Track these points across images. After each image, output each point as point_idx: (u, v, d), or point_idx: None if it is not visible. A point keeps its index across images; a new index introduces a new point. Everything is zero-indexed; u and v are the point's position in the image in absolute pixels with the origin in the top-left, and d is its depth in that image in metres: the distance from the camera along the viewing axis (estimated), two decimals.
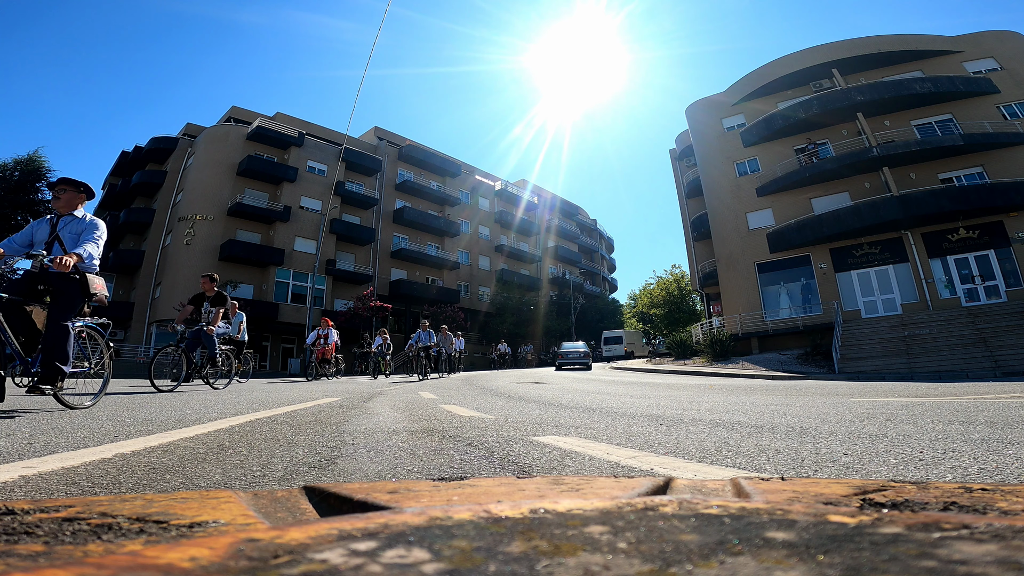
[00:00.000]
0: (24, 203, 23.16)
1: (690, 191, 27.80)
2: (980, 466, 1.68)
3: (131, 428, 2.77)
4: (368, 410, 4.09)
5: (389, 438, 2.47)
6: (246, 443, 2.28)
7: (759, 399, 5.18)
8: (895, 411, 3.61)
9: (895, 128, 20.12)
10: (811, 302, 19.73)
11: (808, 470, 1.71)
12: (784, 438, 2.41)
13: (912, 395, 5.45)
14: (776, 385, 8.91)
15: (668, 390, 7.17)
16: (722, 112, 24.24)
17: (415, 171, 37.83)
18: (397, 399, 5.42)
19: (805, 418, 3.28)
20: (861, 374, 12.86)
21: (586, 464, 1.82)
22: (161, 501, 0.58)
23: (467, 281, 38.79)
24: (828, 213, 19.29)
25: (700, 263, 26.83)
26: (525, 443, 2.29)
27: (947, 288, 17.89)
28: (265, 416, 3.49)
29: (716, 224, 22.98)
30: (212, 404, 4.46)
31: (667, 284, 35.36)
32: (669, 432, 2.68)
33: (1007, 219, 17.27)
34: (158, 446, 2.15)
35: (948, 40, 21.23)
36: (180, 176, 30.64)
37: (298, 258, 29.39)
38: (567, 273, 46.02)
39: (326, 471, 1.71)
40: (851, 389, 7.00)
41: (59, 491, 1.40)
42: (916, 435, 2.41)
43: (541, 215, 46.23)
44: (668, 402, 4.84)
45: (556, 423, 3.12)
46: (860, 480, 0.68)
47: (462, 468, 1.77)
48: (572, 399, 5.30)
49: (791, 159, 21.51)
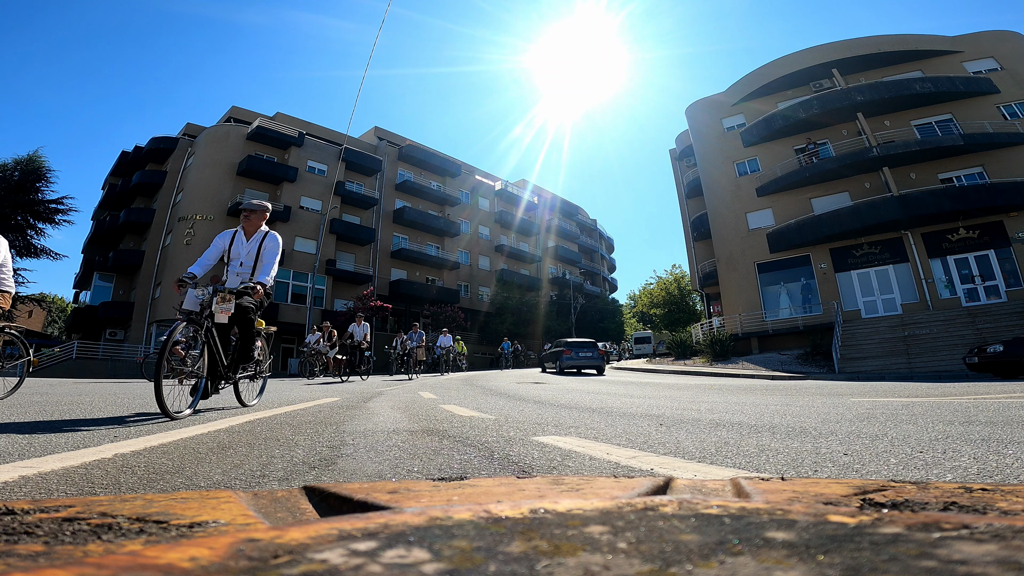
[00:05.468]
0: (24, 203, 23.15)
1: (690, 191, 27.81)
2: (980, 466, 1.68)
3: (131, 428, 2.77)
4: (368, 410, 4.09)
5: (389, 438, 2.47)
6: (246, 443, 2.28)
7: (759, 399, 5.18)
8: (895, 411, 3.61)
9: (895, 128, 20.12)
10: (811, 302, 19.73)
11: (808, 470, 1.71)
12: (784, 438, 2.41)
13: (912, 395, 5.45)
14: (776, 385, 8.90)
15: (668, 390, 7.17)
16: (722, 112, 24.24)
17: (415, 171, 37.83)
18: (397, 399, 5.42)
19: (805, 418, 3.28)
20: (861, 374, 12.87)
21: (586, 464, 1.82)
22: (161, 501, 0.58)
23: (467, 281, 38.79)
24: (828, 213, 19.30)
25: (700, 263, 26.84)
26: (525, 443, 2.29)
27: (947, 288, 17.90)
28: (265, 416, 3.49)
29: (716, 224, 22.98)
30: (212, 404, 4.46)
31: (667, 284, 35.41)
32: (669, 432, 2.68)
33: (1007, 219, 17.27)
34: (158, 446, 2.15)
35: (948, 40, 21.24)
36: (180, 176, 30.64)
37: (298, 258, 29.39)
38: (567, 273, 46.02)
39: (326, 471, 1.71)
40: (851, 389, 7.00)
41: (59, 491, 1.40)
42: (916, 435, 2.41)
43: (541, 215, 46.23)
44: (668, 402, 4.84)
45: (556, 423, 3.12)
46: (860, 480, 0.68)
47: (462, 468, 1.77)
48: (572, 399, 5.30)
49: (791, 159, 21.51)
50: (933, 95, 19.55)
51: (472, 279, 39.19)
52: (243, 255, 4.17)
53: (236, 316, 3.86)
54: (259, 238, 4.20)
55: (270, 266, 4.07)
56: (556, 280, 44.72)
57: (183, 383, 3.66)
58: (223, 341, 3.86)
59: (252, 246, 4.17)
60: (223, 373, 3.86)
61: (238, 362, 4.05)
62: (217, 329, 3.73)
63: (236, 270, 4.15)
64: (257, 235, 4.22)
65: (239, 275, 4.11)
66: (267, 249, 4.15)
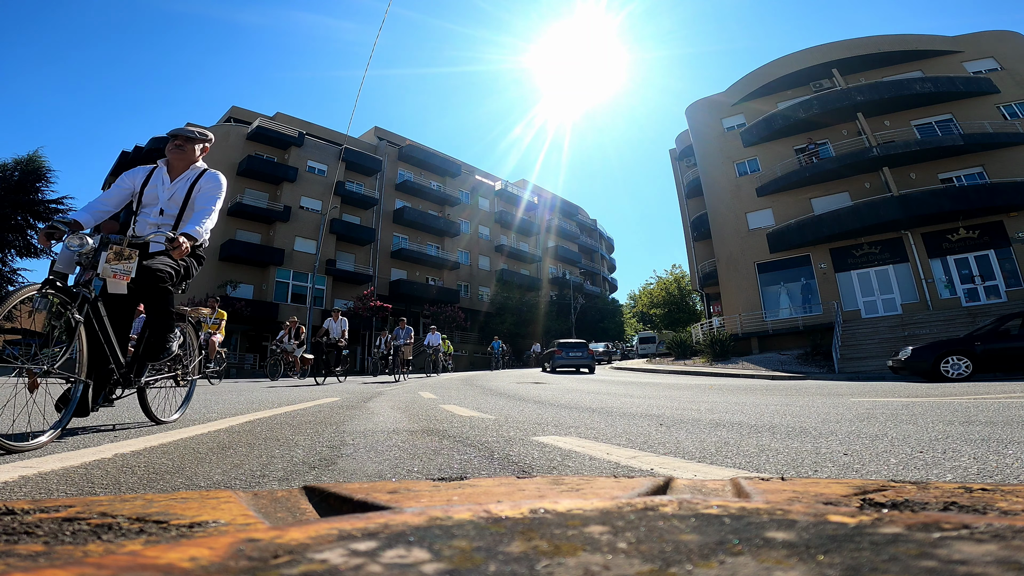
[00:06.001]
0: (24, 203, 23.15)
1: (690, 191, 27.81)
2: (980, 466, 1.68)
3: (130, 428, 2.77)
4: (368, 410, 4.09)
5: (389, 438, 2.47)
6: (246, 443, 2.28)
7: (759, 399, 5.18)
8: (895, 411, 3.61)
9: (895, 128, 20.12)
10: (811, 302, 19.73)
11: (808, 470, 1.71)
12: (784, 438, 2.41)
13: (912, 395, 5.45)
14: (776, 385, 8.91)
15: (668, 390, 7.17)
16: (722, 112, 24.25)
17: (415, 171, 37.84)
18: (397, 399, 5.42)
19: (805, 418, 3.28)
20: (861, 374, 12.86)
21: (586, 464, 1.82)
22: (161, 501, 0.58)
23: (467, 281, 38.79)
24: (828, 213, 19.30)
25: (700, 263, 26.83)
26: (525, 443, 2.29)
27: (947, 288, 17.89)
28: (265, 416, 3.49)
29: (716, 224, 22.98)
30: (212, 404, 4.46)
31: (667, 284, 35.39)
32: (669, 432, 2.68)
33: (1007, 219, 17.27)
34: (158, 446, 2.15)
35: (948, 40, 21.24)
36: None
37: (298, 258, 29.39)
38: (567, 273, 46.02)
39: (326, 471, 1.71)
40: (851, 389, 7.00)
41: (59, 491, 1.40)
42: (916, 435, 2.41)
43: (541, 215, 46.24)
44: (668, 402, 4.84)
45: (556, 423, 3.12)
46: (860, 480, 0.68)
47: (462, 468, 1.77)
48: (572, 399, 5.30)
49: (791, 159, 21.51)
50: (933, 95, 19.55)
51: (472, 279, 39.20)
52: (163, 200, 2.87)
53: (142, 286, 2.59)
54: (191, 177, 2.95)
55: (205, 214, 2.79)
56: (556, 280, 44.73)
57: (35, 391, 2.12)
58: (118, 324, 2.57)
59: (179, 188, 2.90)
60: (120, 374, 2.60)
61: (145, 359, 2.76)
62: (109, 305, 2.48)
63: (150, 221, 2.86)
64: (189, 173, 2.97)
65: (154, 228, 2.82)
66: (202, 191, 2.92)
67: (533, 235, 44.95)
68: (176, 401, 3.32)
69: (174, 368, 3.20)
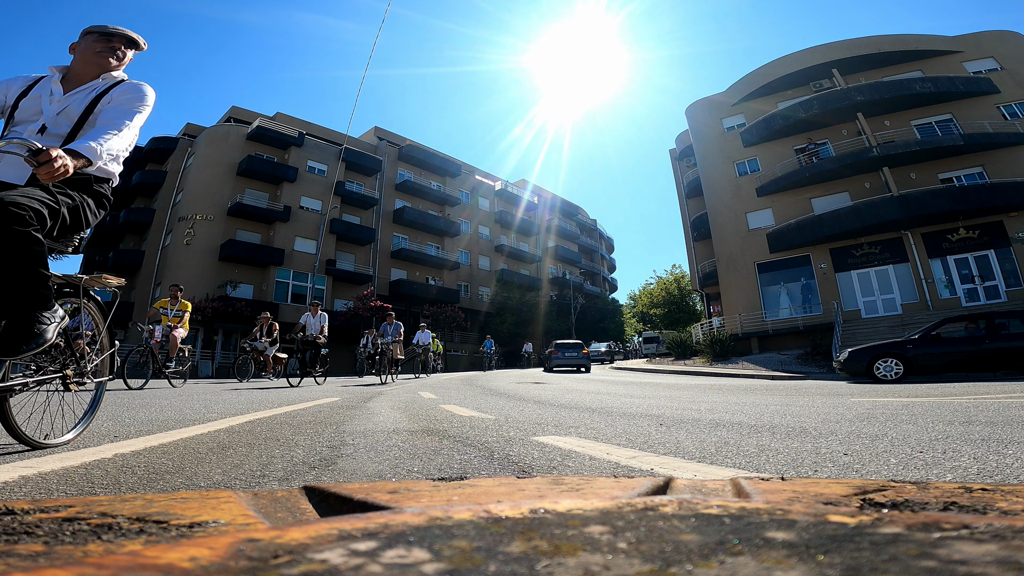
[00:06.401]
0: None
1: (690, 191, 27.82)
2: (980, 466, 1.68)
3: (131, 428, 2.77)
4: (368, 410, 4.09)
5: (389, 438, 2.47)
6: (246, 443, 2.28)
7: (759, 399, 5.18)
8: (895, 411, 3.61)
9: (895, 128, 20.13)
10: (811, 302, 19.73)
11: (808, 470, 1.71)
12: (784, 438, 2.41)
13: (912, 395, 5.45)
14: (776, 385, 8.91)
15: (668, 390, 7.17)
16: (722, 112, 24.25)
17: (415, 171, 37.84)
18: (397, 399, 5.42)
19: (805, 418, 3.28)
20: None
21: (586, 464, 1.82)
22: (161, 501, 0.58)
23: (467, 281, 38.79)
24: (828, 213, 19.30)
25: (700, 263, 26.84)
26: (525, 443, 2.29)
27: (947, 288, 17.90)
28: (265, 416, 3.49)
29: (716, 224, 22.98)
30: (212, 404, 4.46)
31: (667, 284, 35.43)
32: (669, 432, 2.68)
33: (1007, 219, 17.27)
34: (158, 446, 2.15)
35: (948, 40, 21.24)
36: (180, 176, 30.63)
37: (298, 258, 29.39)
38: (567, 273, 46.02)
39: (326, 471, 1.71)
40: (851, 389, 7.00)
41: (59, 491, 1.40)
42: (916, 435, 2.41)
43: (541, 215, 46.24)
44: (668, 402, 4.84)
45: (556, 423, 3.12)
46: (860, 480, 0.68)
47: (462, 468, 1.77)
48: (572, 399, 5.30)
49: (791, 159, 21.52)
50: (933, 95, 19.56)
51: (472, 279, 39.19)
52: (49, 115, 1.96)
53: None
54: (97, 88, 2.06)
55: (111, 128, 1.88)
56: (556, 280, 44.73)
57: None
58: None
59: (75, 100, 2.00)
60: None
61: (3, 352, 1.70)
62: None
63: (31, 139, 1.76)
64: (96, 83, 2.07)
65: None
66: (113, 103, 2.02)
67: (533, 235, 44.96)
68: (74, 413, 2.24)
69: (57, 364, 2.08)
